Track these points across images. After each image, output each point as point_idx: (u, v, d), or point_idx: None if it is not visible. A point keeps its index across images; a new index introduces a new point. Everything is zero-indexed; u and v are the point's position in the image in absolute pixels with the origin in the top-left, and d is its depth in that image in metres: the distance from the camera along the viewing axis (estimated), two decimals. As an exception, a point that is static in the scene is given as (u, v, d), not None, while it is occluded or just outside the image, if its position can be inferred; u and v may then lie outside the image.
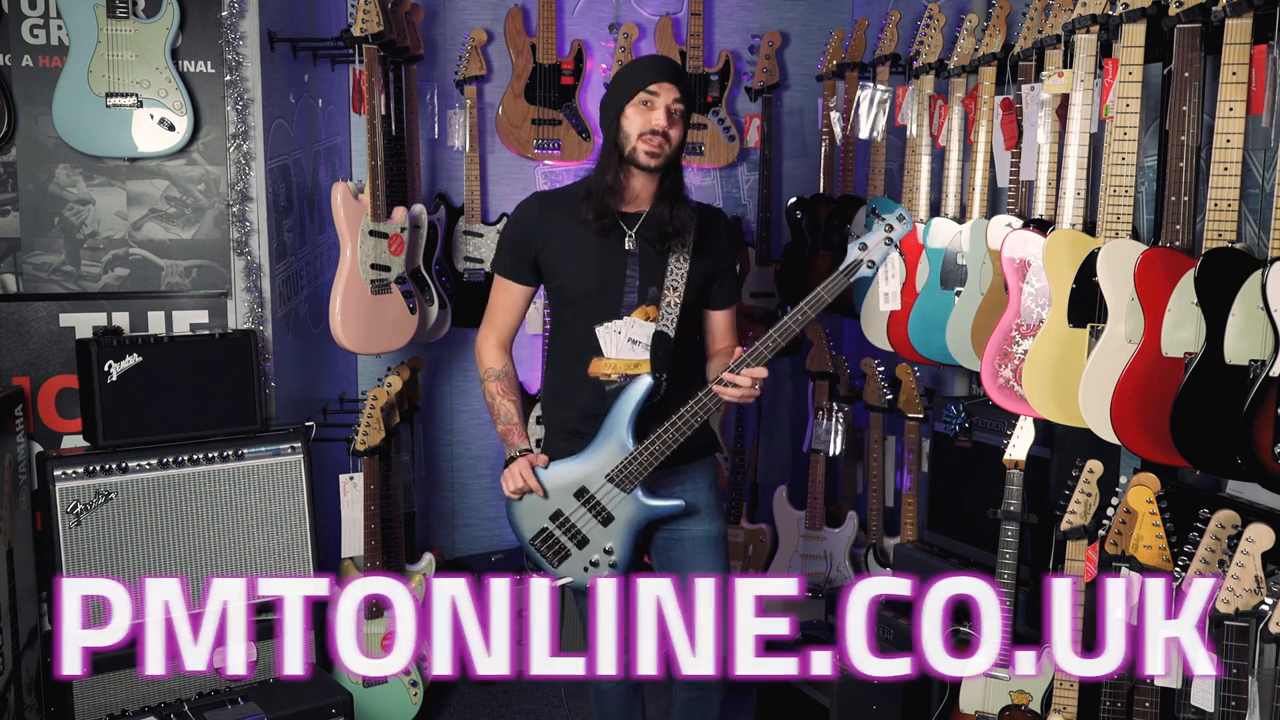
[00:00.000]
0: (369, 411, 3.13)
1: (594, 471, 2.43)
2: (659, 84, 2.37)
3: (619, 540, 2.45)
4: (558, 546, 2.49)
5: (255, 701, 2.63)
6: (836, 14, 4.33)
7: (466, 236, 3.93)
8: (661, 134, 2.37)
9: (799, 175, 4.33)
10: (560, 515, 2.47)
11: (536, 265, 2.51)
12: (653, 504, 2.43)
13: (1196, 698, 2.16)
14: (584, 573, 2.49)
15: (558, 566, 2.50)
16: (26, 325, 2.86)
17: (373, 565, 3.15)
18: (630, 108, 2.39)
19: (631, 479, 2.40)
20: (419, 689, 3.28)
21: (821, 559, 3.82)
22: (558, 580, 2.50)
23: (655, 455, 2.38)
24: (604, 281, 2.45)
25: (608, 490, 2.42)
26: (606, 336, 2.46)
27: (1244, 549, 2.05)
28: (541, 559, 2.51)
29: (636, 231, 2.45)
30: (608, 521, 2.44)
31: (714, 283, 2.54)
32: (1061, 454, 2.85)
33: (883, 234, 2.34)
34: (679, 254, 2.46)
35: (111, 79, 2.80)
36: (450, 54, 3.96)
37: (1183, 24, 2.18)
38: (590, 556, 2.47)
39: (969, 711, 2.75)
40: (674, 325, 2.46)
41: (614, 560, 2.46)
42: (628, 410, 2.39)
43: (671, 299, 2.45)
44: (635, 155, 2.39)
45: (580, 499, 2.45)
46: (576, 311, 2.49)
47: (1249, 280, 2.04)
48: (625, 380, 2.46)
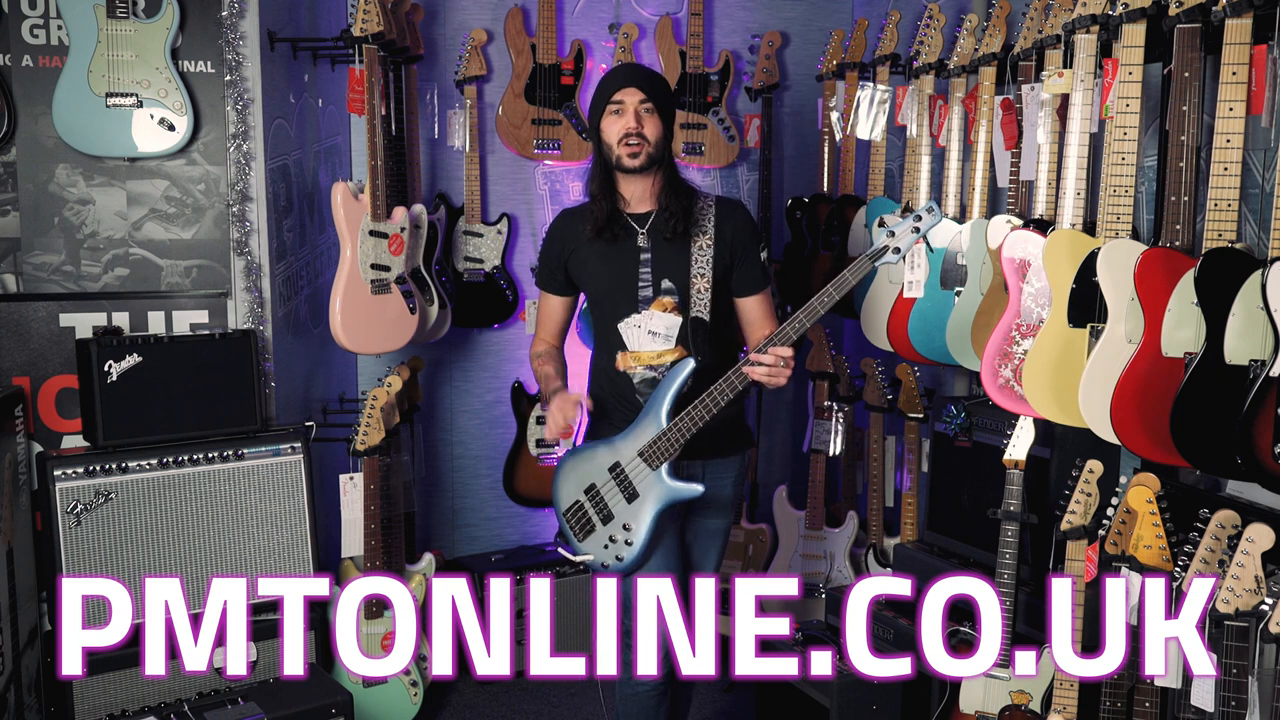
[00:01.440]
0: (369, 411, 3.13)
1: (628, 448, 2.51)
2: (622, 90, 2.52)
3: (638, 520, 2.50)
4: (585, 519, 2.56)
5: (255, 701, 2.62)
6: (836, 14, 4.33)
7: (466, 236, 3.93)
8: (635, 134, 2.51)
9: (799, 175, 4.33)
10: (593, 489, 2.55)
11: (567, 275, 2.68)
12: (674, 484, 2.48)
13: (1196, 698, 2.16)
14: (604, 549, 2.54)
15: (582, 541, 2.57)
16: (26, 325, 2.86)
17: (373, 565, 3.16)
18: (604, 121, 2.55)
19: (660, 455, 2.46)
20: (419, 689, 3.28)
21: (821, 559, 3.81)
22: (578, 556, 2.57)
23: (683, 432, 2.44)
24: (619, 281, 2.58)
25: (637, 466, 2.49)
26: (628, 331, 2.59)
27: (1244, 549, 2.05)
28: (569, 531, 2.60)
29: (648, 229, 2.58)
30: (632, 498, 2.50)
31: (735, 269, 2.62)
32: (1061, 454, 2.85)
33: (911, 223, 2.37)
34: (700, 241, 2.57)
35: (111, 79, 2.80)
36: (450, 54, 3.96)
37: (1183, 24, 2.18)
38: (611, 533, 2.53)
39: (969, 711, 2.75)
40: (707, 310, 2.57)
41: (630, 540, 2.51)
42: (669, 391, 2.47)
43: (700, 285, 2.57)
44: (619, 160, 2.53)
45: (613, 473, 2.52)
46: (602, 311, 2.64)
47: (1249, 280, 2.04)
48: (650, 371, 2.56)
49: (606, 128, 2.54)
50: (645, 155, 2.52)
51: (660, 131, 2.55)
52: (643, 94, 2.51)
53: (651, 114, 2.53)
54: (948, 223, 3.07)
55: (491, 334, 4.11)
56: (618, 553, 2.53)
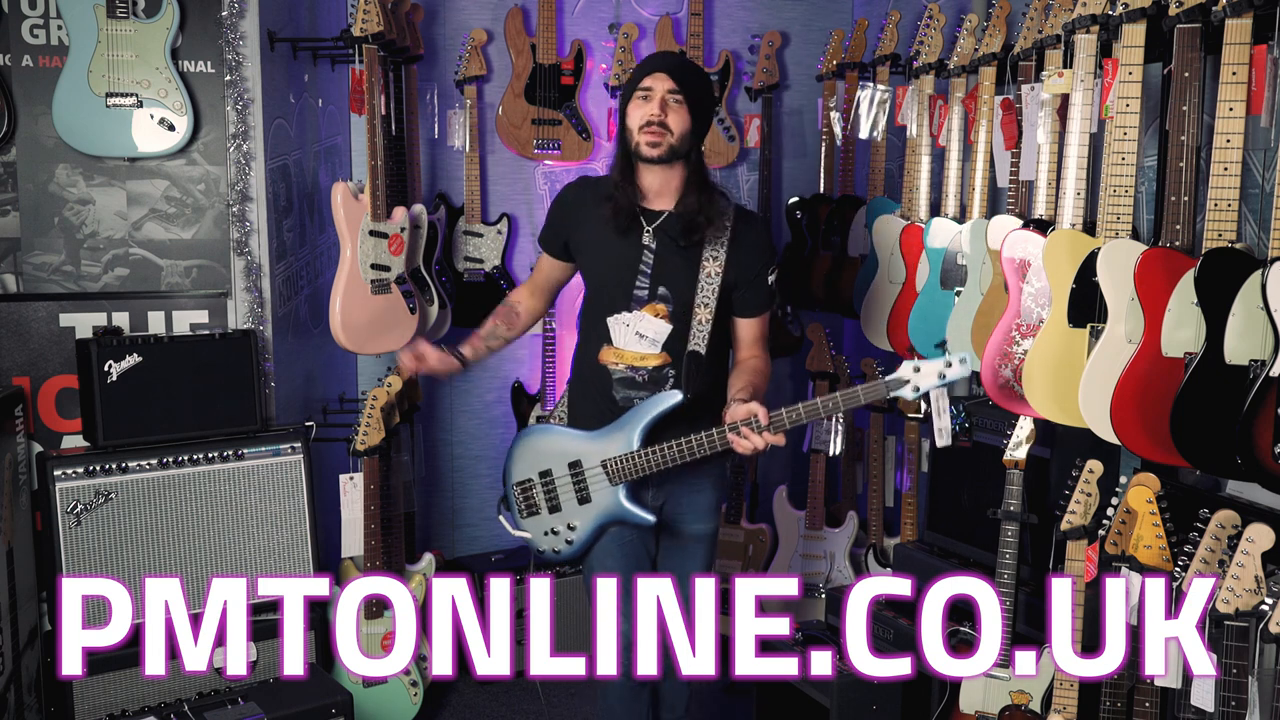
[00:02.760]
0: (369, 411, 3.13)
1: (594, 451, 2.48)
2: (652, 75, 2.41)
3: (584, 523, 2.51)
4: (533, 501, 2.56)
5: (255, 701, 2.62)
6: (836, 14, 4.33)
7: (466, 236, 3.93)
8: (658, 123, 2.38)
9: (799, 175, 4.33)
10: (548, 475, 2.53)
11: (567, 245, 2.60)
12: (627, 506, 2.47)
13: (1196, 698, 2.16)
14: (544, 536, 2.56)
15: (524, 519, 2.57)
16: (26, 325, 2.85)
17: (373, 565, 3.15)
18: (630, 106, 2.44)
19: (621, 475, 2.45)
20: (419, 689, 3.28)
21: (821, 559, 3.81)
22: (516, 532, 2.59)
23: (649, 465, 2.42)
24: (616, 276, 2.50)
25: (597, 474, 2.47)
26: (616, 327, 2.51)
27: (1244, 549, 2.05)
28: (515, 504, 2.58)
29: (656, 227, 2.48)
30: (584, 501, 2.50)
31: (738, 289, 2.52)
32: (1061, 454, 2.85)
33: (940, 367, 2.27)
34: (710, 266, 2.46)
35: (111, 79, 2.80)
36: (450, 54, 3.96)
37: (1183, 24, 2.18)
38: (553, 524, 2.53)
39: (969, 711, 2.75)
40: (705, 344, 2.48)
41: (570, 539, 2.52)
42: (648, 414, 2.43)
43: (703, 316, 2.47)
44: (638, 149, 2.41)
45: (571, 469, 2.50)
46: (594, 297, 2.57)
47: (1249, 280, 2.04)
48: (631, 372, 2.50)
49: (631, 112, 2.43)
50: (667, 147, 2.39)
51: (688, 125, 2.41)
52: (673, 82, 2.39)
53: (680, 105, 2.39)
54: (948, 223, 3.07)
55: (491, 334, 4.11)
56: (555, 545, 2.54)
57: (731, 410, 2.33)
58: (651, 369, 2.50)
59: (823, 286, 3.78)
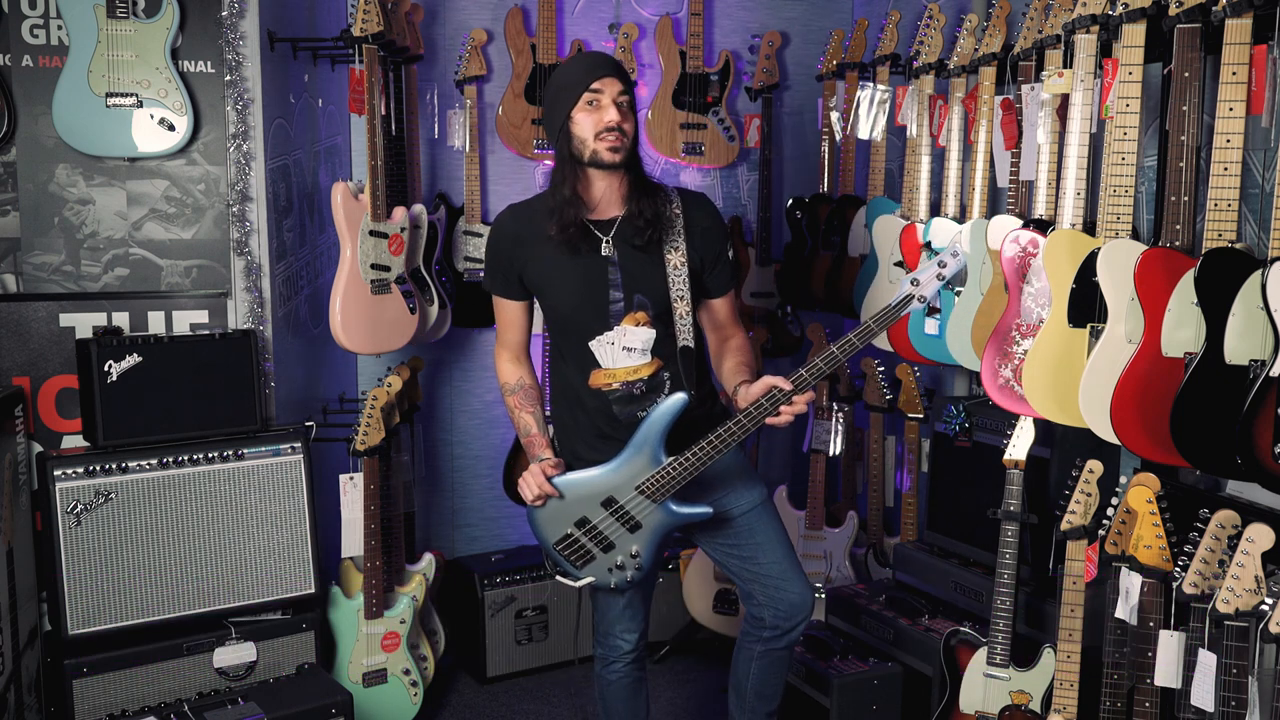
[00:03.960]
0: (369, 411, 3.13)
1: (623, 483, 2.40)
2: (600, 80, 2.34)
3: (645, 545, 2.44)
4: (583, 551, 2.46)
5: (255, 701, 2.62)
6: (836, 14, 4.33)
7: (466, 236, 3.93)
8: (616, 129, 2.33)
9: (799, 175, 4.33)
10: (587, 522, 2.44)
11: (522, 282, 2.49)
12: (683, 511, 2.41)
13: (1196, 698, 2.16)
14: (609, 574, 2.48)
15: (581, 569, 2.48)
16: (26, 325, 2.86)
17: (373, 565, 3.15)
18: (577, 113, 2.35)
19: (663, 491, 2.38)
20: (419, 689, 3.28)
21: (821, 559, 3.81)
22: (579, 582, 2.49)
23: (690, 470, 2.35)
24: (587, 297, 2.42)
25: (637, 500, 2.40)
26: (600, 350, 2.44)
27: (1244, 549, 2.05)
28: (564, 562, 2.49)
29: (612, 237, 2.42)
30: (635, 529, 2.43)
31: (705, 272, 2.50)
32: (1061, 454, 2.85)
33: (935, 269, 2.30)
34: (674, 257, 2.42)
35: (111, 79, 2.80)
36: (450, 54, 3.96)
37: (1183, 24, 2.18)
38: (615, 560, 2.46)
39: (969, 711, 2.75)
40: (691, 334, 2.45)
41: (640, 564, 2.46)
42: (660, 425, 2.36)
43: (682, 310, 2.42)
44: (598, 156, 2.35)
45: (608, 508, 2.42)
46: (567, 328, 2.48)
47: (1249, 280, 2.04)
48: (628, 387, 2.45)
49: (580, 120, 2.34)
50: (626, 150, 2.35)
51: (635, 129, 2.39)
52: (622, 85, 2.35)
53: (628, 107, 2.37)
54: (948, 223, 3.07)
55: (491, 334, 4.10)
56: (625, 575, 2.47)
57: (746, 394, 2.32)
58: (647, 379, 2.45)
59: (823, 286, 3.78)
